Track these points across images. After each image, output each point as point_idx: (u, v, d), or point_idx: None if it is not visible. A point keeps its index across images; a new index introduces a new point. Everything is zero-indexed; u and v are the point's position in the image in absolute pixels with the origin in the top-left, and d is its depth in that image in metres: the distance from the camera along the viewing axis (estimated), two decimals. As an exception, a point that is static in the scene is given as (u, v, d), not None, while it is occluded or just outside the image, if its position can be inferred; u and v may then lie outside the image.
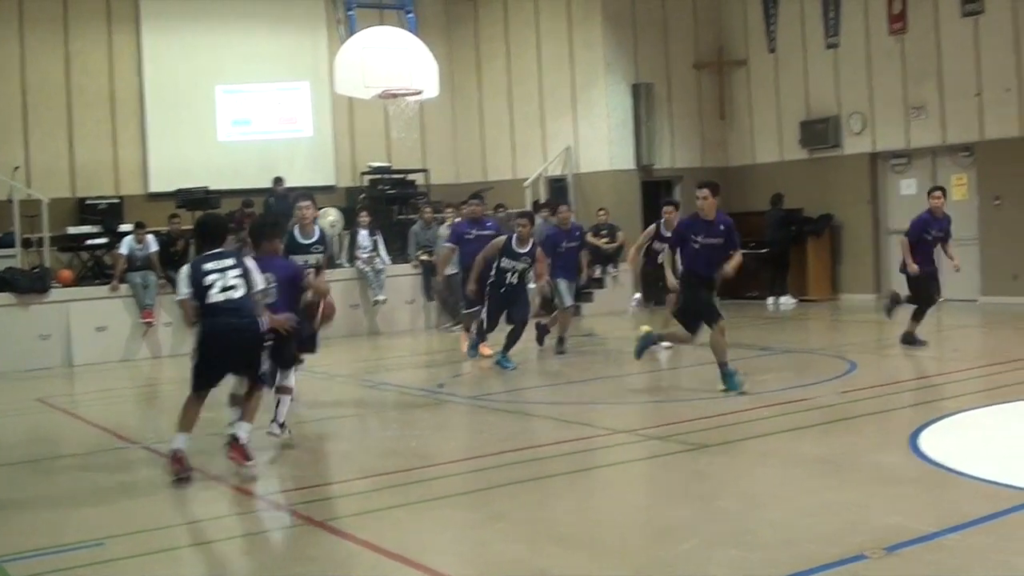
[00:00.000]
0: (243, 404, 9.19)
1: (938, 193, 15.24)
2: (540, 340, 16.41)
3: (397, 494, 8.24)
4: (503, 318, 14.95)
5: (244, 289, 8.89)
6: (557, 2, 24.96)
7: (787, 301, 22.84)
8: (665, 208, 16.23)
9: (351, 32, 22.20)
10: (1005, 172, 20.74)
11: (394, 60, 20.77)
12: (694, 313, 12.26)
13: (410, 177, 24.07)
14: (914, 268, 14.87)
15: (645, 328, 13.33)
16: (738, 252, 12.37)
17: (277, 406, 10.11)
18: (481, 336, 15.24)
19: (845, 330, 19.82)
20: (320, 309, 10.81)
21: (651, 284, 16.48)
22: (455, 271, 17.68)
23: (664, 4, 25.07)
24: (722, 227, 12.19)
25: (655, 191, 24.94)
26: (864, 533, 6.62)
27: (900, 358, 14.64)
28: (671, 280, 12.32)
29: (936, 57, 21.84)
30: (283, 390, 10.16)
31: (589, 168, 24.49)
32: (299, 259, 11.47)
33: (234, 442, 8.83)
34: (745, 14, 25.32)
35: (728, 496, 7.89)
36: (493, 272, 14.78)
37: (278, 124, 24.22)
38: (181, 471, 8.72)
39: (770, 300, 22.95)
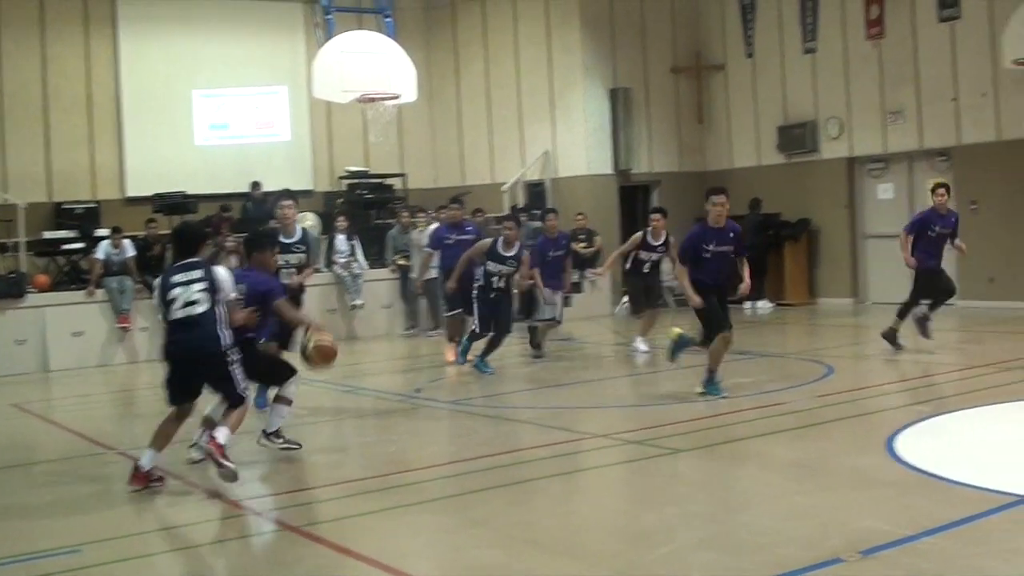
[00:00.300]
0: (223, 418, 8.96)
1: (941, 190, 14.99)
2: (534, 341, 16.44)
3: (375, 500, 8.23)
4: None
5: (207, 304, 8.67)
6: (535, 7, 24.98)
7: (764, 305, 22.88)
8: (653, 216, 16.22)
9: (329, 36, 22.15)
10: (982, 177, 20.83)
11: (372, 64, 20.71)
12: (709, 320, 11.94)
13: (388, 181, 24.09)
14: (911, 261, 14.82)
15: (676, 330, 12.83)
16: (745, 260, 12.25)
17: (270, 415, 10.00)
18: (472, 340, 15.13)
19: (822, 334, 19.87)
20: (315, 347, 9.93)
21: (638, 292, 16.48)
22: (434, 276, 17.69)
23: (642, 9, 25.12)
24: (732, 234, 12.00)
25: (633, 196, 25.03)
26: (840, 537, 6.65)
27: (877, 362, 14.69)
28: (695, 298, 11.71)
29: (913, 62, 21.93)
30: (280, 399, 9.95)
31: (567, 173, 24.51)
32: (280, 259, 11.51)
33: (212, 439, 8.61)
34: (723, 19, 25.40)
35: (705, 500, 7.91)
36: (480, 276, 14.76)
37: (255, 128, 24.17)
38: (137, 486, 8.62)
39: (747, 304, 22.97)
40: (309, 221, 20.54)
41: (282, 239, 12.06)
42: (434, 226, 18.30)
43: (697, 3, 25.87)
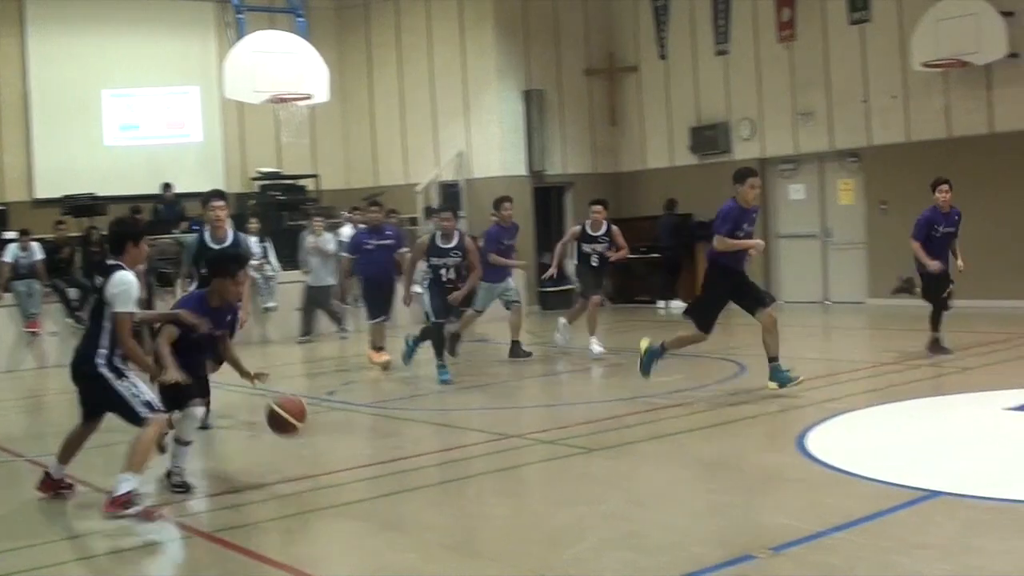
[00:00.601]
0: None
1: (945, 187, 14.19)
2: (516, 353, 16.06)
3: (288, 504, 8.16)
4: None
5: (90, 318, 8.08)
6: (449, 8, 24.96)
7: (678, 305, 22.98)
8: (594, 208, 15.92)
9: (240, 36, 22.01)
10: (891, 177, 21.11)
11: (284, 64, 20.63)
12: (703, 311, 11.73)
13: (300, 183, 23.95)
14: (934, 265, 14.05)
15: (645, 342, 12.42)
16: None
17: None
18: (438, 338, 14.24)
19: (735, 333, 19.94)
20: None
21: (588, 279, 16.02)
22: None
23: (555, 11, 25.19)
24: (754, 215, 11.79)
25: (547, 197, 25.09)
26: (751, 533, 6.70)
27: (788, 360, 14.77)
28: (754, 243, 11.54)
29: (824, 64, 22.20)
30: (178, 441, 8.78)
31: (481, 174, 24.50)
32: None
33: (109, 499, 7.74)
34: (636, 21, 25.53)
35: (617, 499, 7.92)
36: (428, 272, 14.22)
37: (167, 129, 23.98)
38: (46, 493, 8.39)
39: (660, 304, 23.12)
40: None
41: (212, 244, 11.63)
42: (346, 229, 18.12)
43: (610, 5, 25.98)
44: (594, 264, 15.87)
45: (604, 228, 15.86)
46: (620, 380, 14.06)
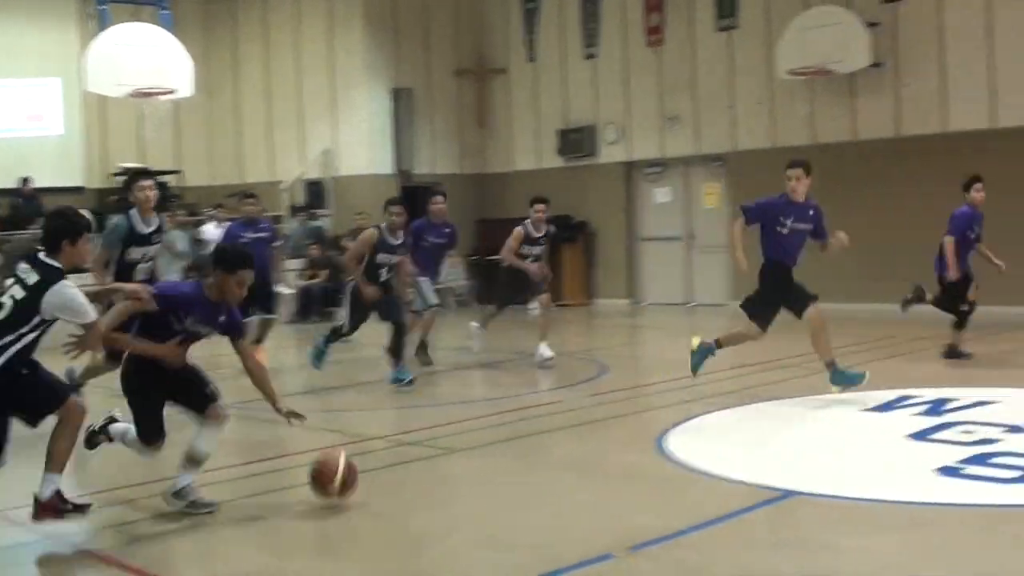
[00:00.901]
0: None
1: (980, 185, 13.32)
2: (420, 352, 15.11)
3: (143, 507, 7.98)
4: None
5: (5, 313, 6.93)
6: (317, 4, 24.76)
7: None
8: (537, 207, 15.13)
9: (103, 27, 21.57)
10: (755, 181, 21.19)
11: (148, 57, 20.29)
12: (759, 308, 11.36)
13: (163, 179, 23.53)
14: (956, 273, 13.23)
15: (696, 340, 12.01)
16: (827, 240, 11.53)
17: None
18: (335, 338, 13.82)
19: (598, 334, 20.13)
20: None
21: (510, 288, 15.50)
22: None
23: (426, 10, 25.13)
24: (811, 212, 11.40)
25: (414, 196, 24.96)
26: (610, 533, 6.72)
27: (650, 361, 14.94)
28: (742, 261, 11.13)
29: (691, 69, 22.45)
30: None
31: (348, 172, 24.32)
32: (138, 252, 10.78)
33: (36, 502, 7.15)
34: (506, 23, 25.57)
35: (478, 499, 7.91)
36: (363, 269, 13.42)
37: (25, 121, 23.39)
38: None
39: (532, 306, 23.07)
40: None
41: (140, 228, 11.27)
42: (209, 227, 17.78)
43: (481, 6, 26.00)
44: (530, 264, 15.00)
45: (544, 229, 15.13)
46: (486, 382, 14.07)
